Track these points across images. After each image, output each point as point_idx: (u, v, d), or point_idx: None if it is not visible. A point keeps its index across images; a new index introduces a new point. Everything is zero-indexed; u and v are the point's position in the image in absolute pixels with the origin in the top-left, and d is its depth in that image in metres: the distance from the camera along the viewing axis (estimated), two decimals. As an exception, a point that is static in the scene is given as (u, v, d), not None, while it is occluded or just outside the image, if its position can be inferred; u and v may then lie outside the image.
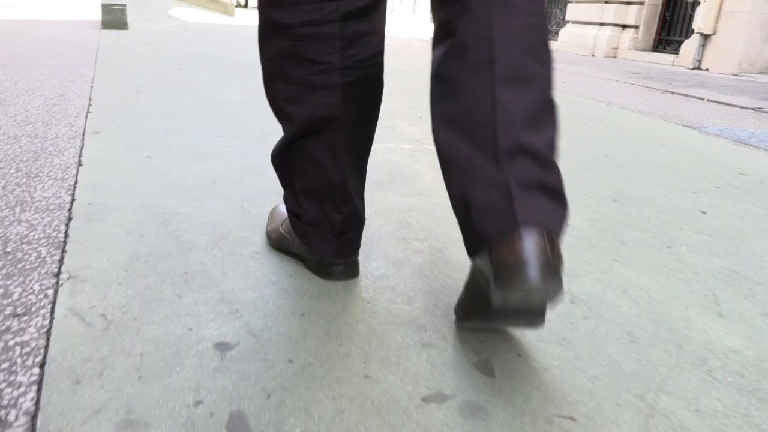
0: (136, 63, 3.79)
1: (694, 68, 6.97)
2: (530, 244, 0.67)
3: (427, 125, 2.39)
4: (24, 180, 1.42)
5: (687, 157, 2.27)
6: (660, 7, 8.35)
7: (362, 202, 1.03)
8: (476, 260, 0.76)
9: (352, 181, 0.97)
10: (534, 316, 0.74)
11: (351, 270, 1.01)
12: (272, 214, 1.17)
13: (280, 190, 1.45)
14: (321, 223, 0.97)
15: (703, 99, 4.57)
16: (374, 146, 1.97)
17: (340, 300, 0.94)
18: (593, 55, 8.77)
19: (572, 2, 9.67)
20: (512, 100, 0.74)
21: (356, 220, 0.99)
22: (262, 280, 0.99)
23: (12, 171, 1.48)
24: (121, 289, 0.92)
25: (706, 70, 6.85)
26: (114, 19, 6.75)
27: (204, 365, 0.73)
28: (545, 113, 0.77)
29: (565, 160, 2.01)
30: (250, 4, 24.98)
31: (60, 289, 0.91)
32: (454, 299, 0.96)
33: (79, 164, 1.57)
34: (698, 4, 7.10)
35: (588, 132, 2.59)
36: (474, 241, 0.74)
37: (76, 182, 1.42)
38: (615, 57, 8.60)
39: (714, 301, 1.02)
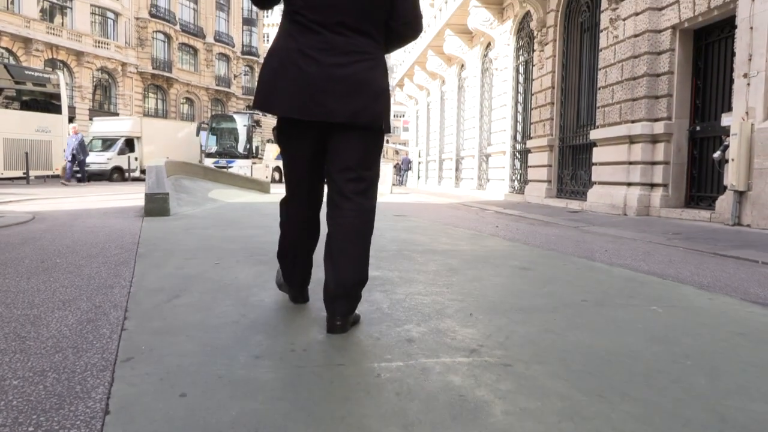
0: (175, 256, 3.80)
1: (734, 224, 6.83)
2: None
3: (484, 326, 2.22)
4: (42, 443, 1.25)
5: (778, 351, 2.01)
6: (686, 166, 8.47)
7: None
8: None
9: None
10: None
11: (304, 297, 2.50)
12: (278, 273, 2.59)
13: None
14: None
15: (757, 262, 4.36)
16: (427, 362, 1.79)
17: None
18: (625, 214, 8.76)
19: (596, 165, 9.91)
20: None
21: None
22: None
23: (31, 428, 1.32)
24: None
25: (747, 226, 6.70)
26: (156, 207, 7.05)
27: None
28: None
29: (644, 367, 1.78)
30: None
31: None
32: None
33: (106, 411, 1.41)
34: (726, 161, 7.17)
35: (653, 322, 2.37)
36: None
37: (99, 441, 1.25)
38: (648, 215, 8.57)
39: None
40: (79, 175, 18.84)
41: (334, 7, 2.00)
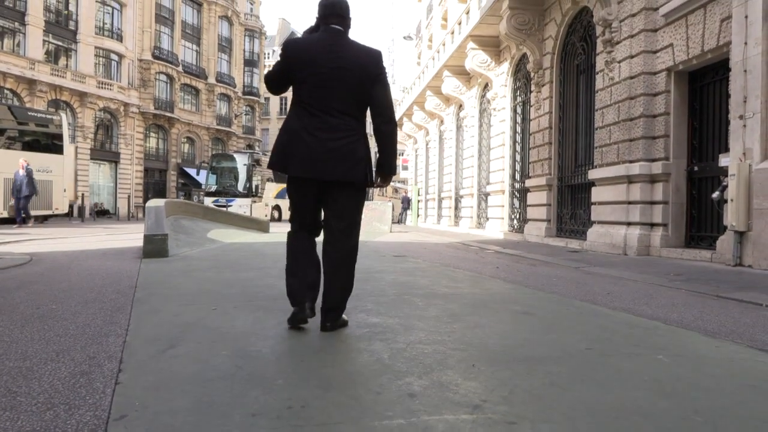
0: (172, 302, 3.75)
1: (735, 265, 6.79)
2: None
3: (486, 379, 2.16)
4: None
5: (789, 406, 1.96)
6: (685, 206, 8.48)
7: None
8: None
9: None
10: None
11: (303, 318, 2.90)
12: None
13: None
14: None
15: (761, 305, 4.31)
16: (430, 420, 1.73)
17: None
18: (626, 254, 8.73)
19: (595, 204, 9.92)
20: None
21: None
22: None
23: (17, 497, 1.27)
24: None
25: (749, 266, 6.66)
26: (155, 248, 7.02)
27: None
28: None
29: (653, 426, 1.73)
30: (283, 217, 26.50)
31: None
32: None
33: (96, 478, 1.35)
34: (725, 201, 7.17)
35: (660, 373, 2.32)
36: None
37: None
38: (648, 255, 8.54)
39: None
40: (23, 214, 16.17)
41: (329, 99, 2.82)
